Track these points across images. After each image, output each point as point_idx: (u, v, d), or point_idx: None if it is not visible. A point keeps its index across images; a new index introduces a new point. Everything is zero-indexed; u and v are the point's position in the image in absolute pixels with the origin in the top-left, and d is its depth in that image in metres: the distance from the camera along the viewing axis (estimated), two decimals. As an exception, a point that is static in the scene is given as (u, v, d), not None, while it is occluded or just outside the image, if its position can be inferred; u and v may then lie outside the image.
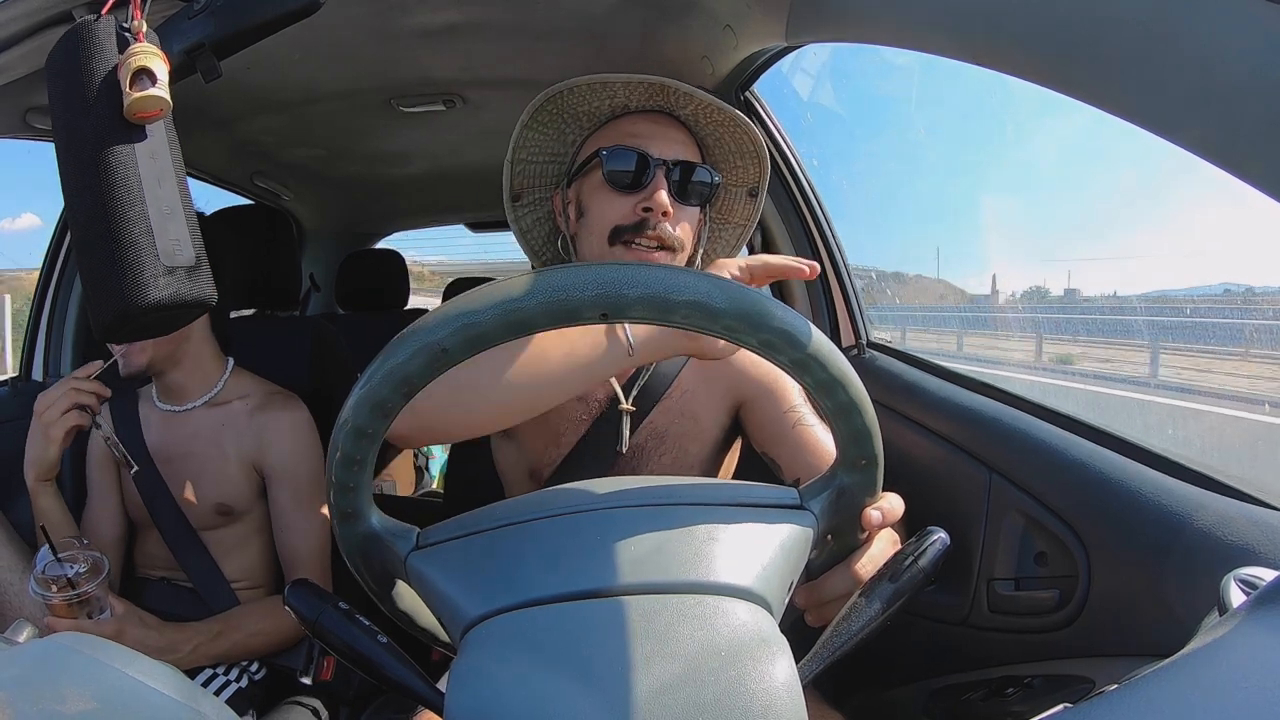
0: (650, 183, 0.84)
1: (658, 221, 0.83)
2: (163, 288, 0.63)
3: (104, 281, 0.62)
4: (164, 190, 0.65)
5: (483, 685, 0.41)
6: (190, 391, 1.15)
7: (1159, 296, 3.99)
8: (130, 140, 0.63)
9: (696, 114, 0.88)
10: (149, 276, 0.62)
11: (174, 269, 0.64)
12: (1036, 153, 5.35)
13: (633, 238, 0.84)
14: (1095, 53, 0.53)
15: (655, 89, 0.85)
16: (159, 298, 0.63)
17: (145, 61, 0.61)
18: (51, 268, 1.39)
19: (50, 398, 1.01)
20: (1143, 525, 0.71)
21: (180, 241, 0.66)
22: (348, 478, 0.49)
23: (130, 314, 0.62)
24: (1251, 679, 0.31)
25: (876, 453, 0.51)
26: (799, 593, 0.56)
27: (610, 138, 0.87)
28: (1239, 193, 0.44)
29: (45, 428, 1.00)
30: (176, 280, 0.64)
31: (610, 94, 0.86)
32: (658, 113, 0.89)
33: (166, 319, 0.68)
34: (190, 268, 0.66)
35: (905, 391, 1.09)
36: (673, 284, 0.44)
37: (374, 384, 0.46)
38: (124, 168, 0.62)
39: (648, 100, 0.87)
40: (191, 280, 0.66)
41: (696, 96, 0.85)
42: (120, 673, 0.39)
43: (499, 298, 0.44)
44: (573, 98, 0.86)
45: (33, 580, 0.88)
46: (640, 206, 0.84)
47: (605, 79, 0.84)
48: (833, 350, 0.47)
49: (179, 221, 0.65)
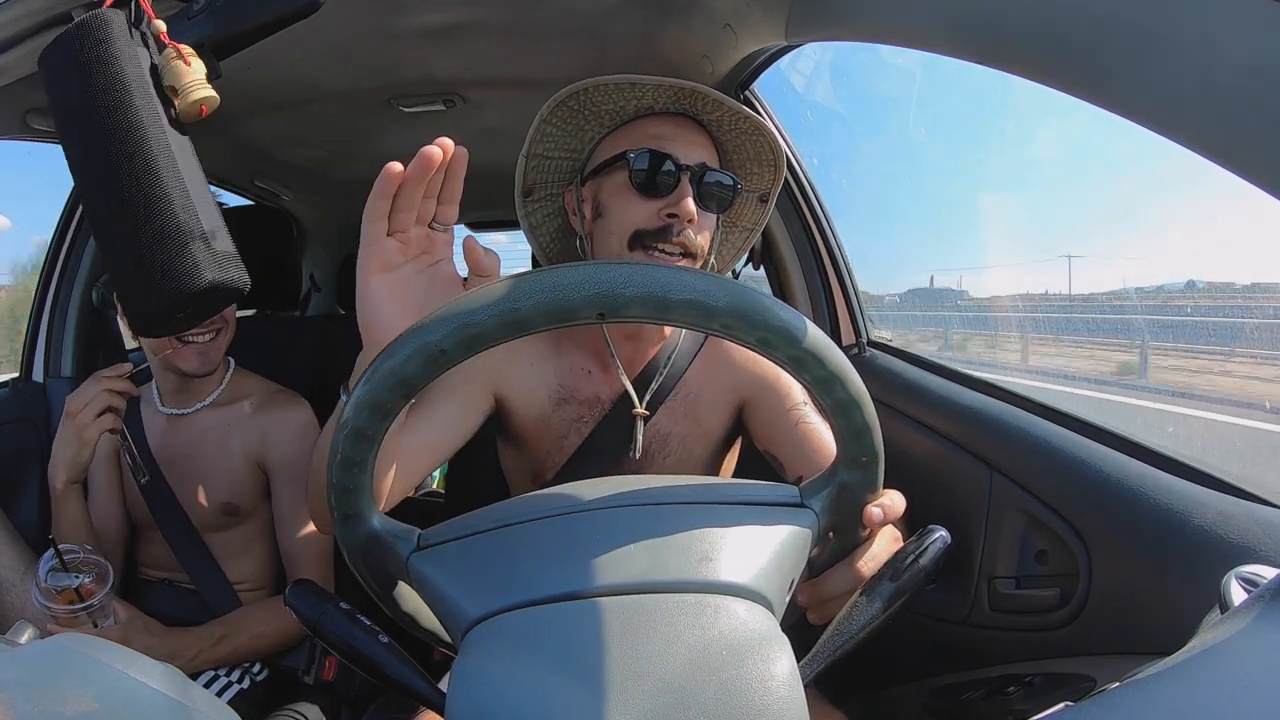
0: (676, 189, 0.83)
1: (682, 228, 0.82)
2: (217, 270, 0.65)
3: (153, 270, 0.63)
4: (197, 184, 0.66)
5: (484, 685, 0.41)
6: (196, 394, 1.15)
7: (1038, 295, 4.29)
8: (170, 133, 0.65)
9: (721, 119, 0.87)
10: (201, 260, 0.64)
11: (219, 254, 0.65)
12: (976, 157, 5.33)
13: (654, 243, 0.83)
14: (1095, 50, 0.53)
15: (684, 92, 0.84)
16: (214, 279, 0.64)
17: (192, 64, 0.62)
18: (52, 268, 1.38)
19: (84, 398, 1.00)
20: (1143, 523, 0.70)
21: (219, 228, 0.67)
22: (348, 480, 0.49)
23: (181, 300, 0.63)
24: (1253, 677, 0.31)
25: (877, 449, 0.51)
26: (801, 590, 0.56)
27: (634, 139, 0.86)
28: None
29: (79, 429, 0.99)
30: (222, 264, 0.66)
31: (637, 95, 0.85)
32: (679, 115, 0.88)
33: (202, 309, 0.69)
34: (230, 253, 0.67)
35: (906, 390, 1.09)
36: (669, 283, 0.44)
37: (373, 386, 0.46)
38: (169, 163, 0.63)
39: (673, 103, 0.87)
40: (235, 265, 0.68)
41: (725, 104, 0.84)
42: (121, 674, 0.39)
43: (496, 298, 0.44)
44: (596, 95, 0.85)
45: (37, 591, 0.87)
46: (665, 212, 0.82)
47: (633, 80, 0.83)
48: (830, 346, 0.47)
49: (215, 212, 0.67)
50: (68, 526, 1.02)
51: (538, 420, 0.92)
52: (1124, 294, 3.68)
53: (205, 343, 1.08)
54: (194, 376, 1.11)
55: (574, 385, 0.92)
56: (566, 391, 0.92)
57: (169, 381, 1.13)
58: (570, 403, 0.91)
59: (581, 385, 0.92)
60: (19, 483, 1.26)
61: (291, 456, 1.14)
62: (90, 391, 1.00)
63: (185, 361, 1.08)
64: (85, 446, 0.99)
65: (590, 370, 0.92)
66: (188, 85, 0.62)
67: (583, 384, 0.92)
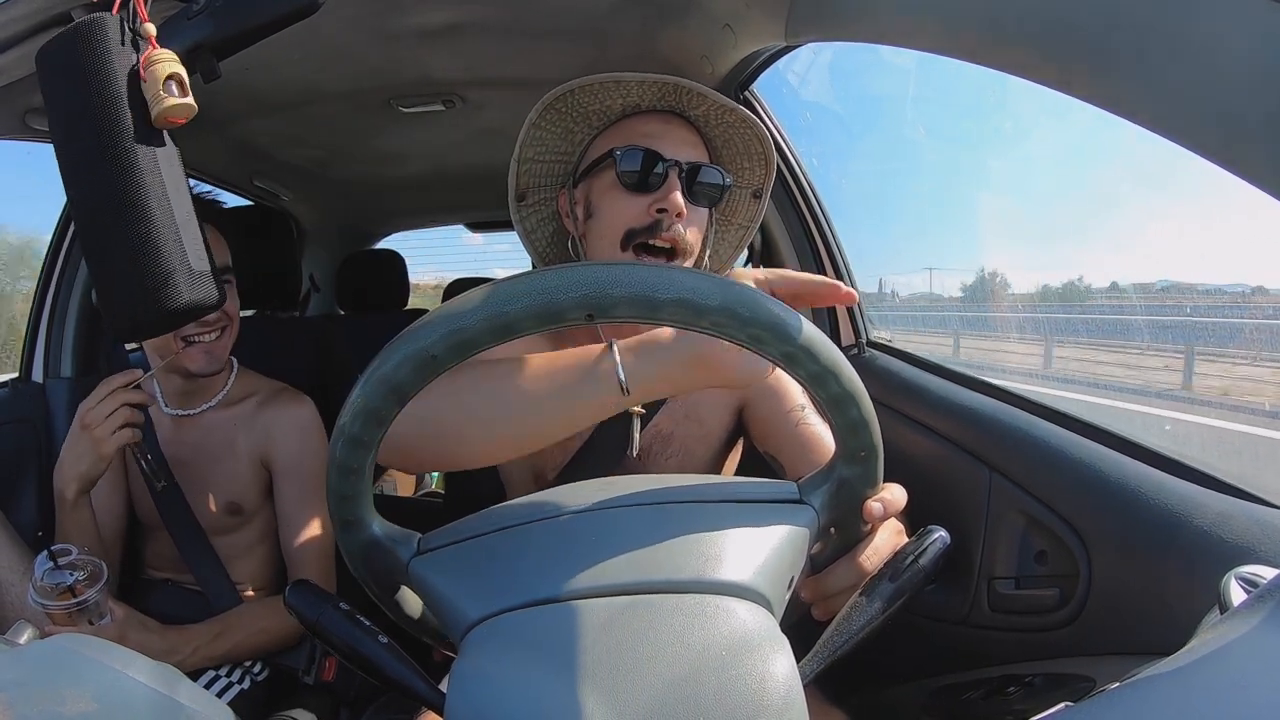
0: (664, 183, 0.83)
1: (671, 223, 0.83)
2: (194, 291, 0.65)
3: (131, 286, 0.63)
4: (180, 196, 0.66)
5: (483, 685, 0.41)
6: (202, 395, 1.15)
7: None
8: (155, 145, 0.64)
9: (708, 115, 0.88)
10: (180, 281, 0.63)
11: (198, 272, 0.65)
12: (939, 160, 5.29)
13: (645, 240, 0.83)
14: (1095, 51, 0.53)
15: (668, 89, 0.84)
16: (192, 299, 0.64)
17: (174, 69, 0.61)
18: (51, 269, 1.38)
19: (101, 410, 0.95)
20: (1143, 524, 0.70)
21: (199, 245, 0.67)
22: (346, 487, 0.49)
23: (160, 317, 0.63)
24: (1252, 677, 0.31)
25: (875, 444, 0.51)
26: (805, 585, 0.56)
27: (622, 137, 0.86)
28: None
29: (96, 443, 0.95)
30: (199, 283, 0.66)
31: (623, 93, 0.85)
32: (668, 113, 0.88)
33: (183, 317, 0.68)
34: (206, 271, 0.67)
35: (905, 390, 1.09)
36: (658, 282, 0.44)
37: (366, 392, 0.46)
38: (153, 173, 0.63)
39: (659, 100, 0.87)
40: (209, 283, 0.67)
41: (709, 97, 0.84)
42: (120, 674, 0.39)
43: (484, 301, 0.44)
44: (583, 96, 0.86)
45: (32, 589, 0.87)
46: (654, 207, 0.83)
47: (618, 77, 0.83)
48: (823, 340, 0.47)
49: (194, 226, 0.66)
50: (76, 533, 1.00)
51: None
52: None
53: (211, 341, 1.08)
54: (201, 376, 1.10)
55: None
56: None
57: (174, 383, 1.13)
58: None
59: None
60: (18, 483, 1.26)
61: (295, 454, 1.14)
62: (107, 405, 0.95)
63: (192, 361, 1.07)
64: (102, 461, 0.96)
65: None
66: (155, 95, 0.62)
67: None
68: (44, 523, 1.24)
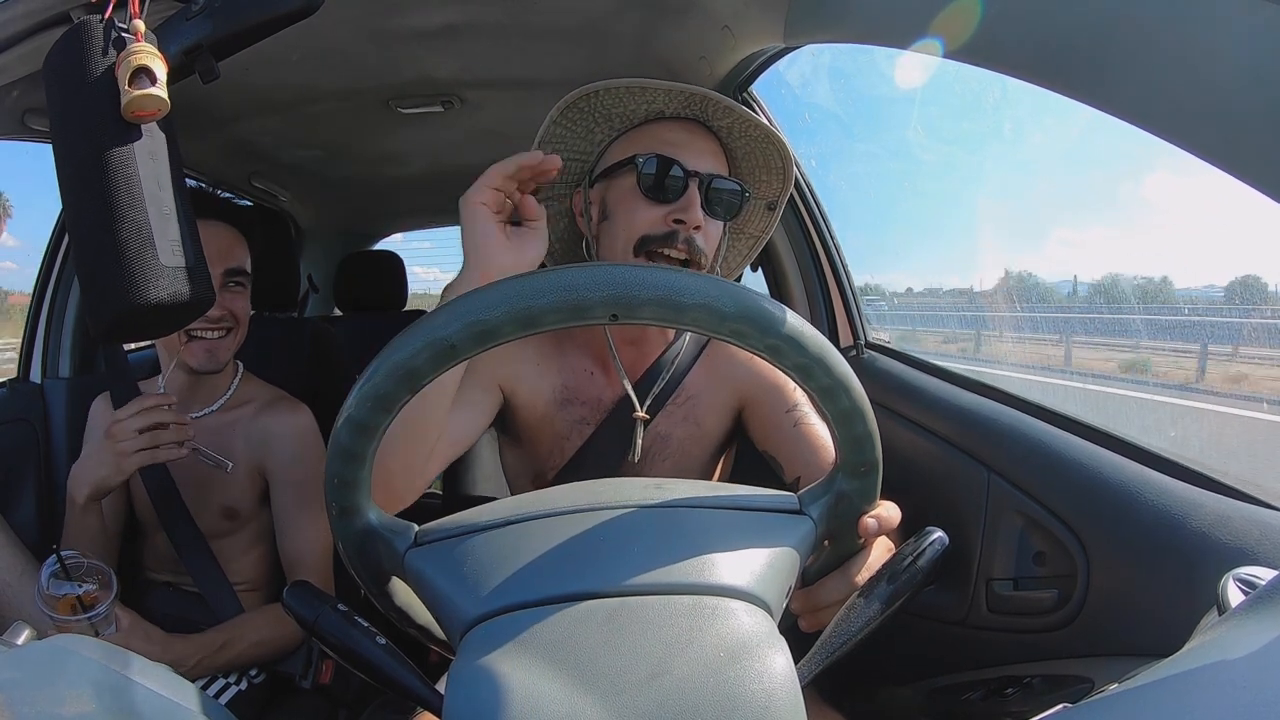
0: (685, 195, 0.83)
1: (688, 234, 0.82)
2: (163, 288, 0.63)
3: (103, 282, 0.62)
4: (163, 192, 0.65)
5: (481, 686, 0.41)
6: (205, 397, 1.15)
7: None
8: (129, 140, 0.63)
9: (731, 126, 0.87)
10: (149, 277, 0.62)
11: (173, 269, 0.64)
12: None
13: (659, 248, 0.83)
14: (1094, 53, 0.53)
15: (695, 98, 0.84)
16: (159, 298, 0.63)
17: (144, 60, 0.61)
18: (50, 268, 1.38)
19: (130, 426, 0.94)
20: (1141, 525, 0.71)
21: (178, 243, 0.66)
22: (346, 472, 0.49)
23: (130, 314, 0.62)
24: (1250, 678, 0.31)
25: (877, 460, 0.51)
26: (794, 598, 0.56)
27: (644, 143, 0.85)
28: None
29: (118, 456, 0.94)
30: (175, 280, 0.64)
31: (648, 99, 0.85)
32: (690, 120, 0.88)
33: (166, 319, 0.67)
34: (188, 268, 0.66)
35: (904, 392, 1.09)
36: (683, 287, 0.44)
37: (378, 378, 0.46)
38: (124, 168, 0.62)
39: (683, 108, 0.86)
40: (190, 281, 0.66)
41: (736, 111, 0.84)
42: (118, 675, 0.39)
43: (509, 294, 0.44)
44: (607, 98, 0.85)
45: (40, 598, 0.86)
46: (672, 217, 0.82)
47: (645, 84, 0.83)
48: (836, 356, 0.48)
49: (176, 223, 0.66)
50: (82, 537, 0.99)
51: (541, 419, 0.92)
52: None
53: (214, 340, 1.08)
54: (201, 374, 1.10)
55: (577, 386, 0.92)
56: (570, 392, 0.92)
57: (178, 383, 1.12)
58: (573, 404, 0.92)
59: (584, 387, 0.92)
60: (16, 484, 1.25)
61: (291, 462, 1.13)
62: (137, 421, 0.95)
63: (193, 357, 1.07)
64: (120, 474, 0.96)
65: (593, 372, 0.93)
66: (124, 88, 0.61)
67: (585, 385, 0.92)
68: (41, 523, 1.24)
